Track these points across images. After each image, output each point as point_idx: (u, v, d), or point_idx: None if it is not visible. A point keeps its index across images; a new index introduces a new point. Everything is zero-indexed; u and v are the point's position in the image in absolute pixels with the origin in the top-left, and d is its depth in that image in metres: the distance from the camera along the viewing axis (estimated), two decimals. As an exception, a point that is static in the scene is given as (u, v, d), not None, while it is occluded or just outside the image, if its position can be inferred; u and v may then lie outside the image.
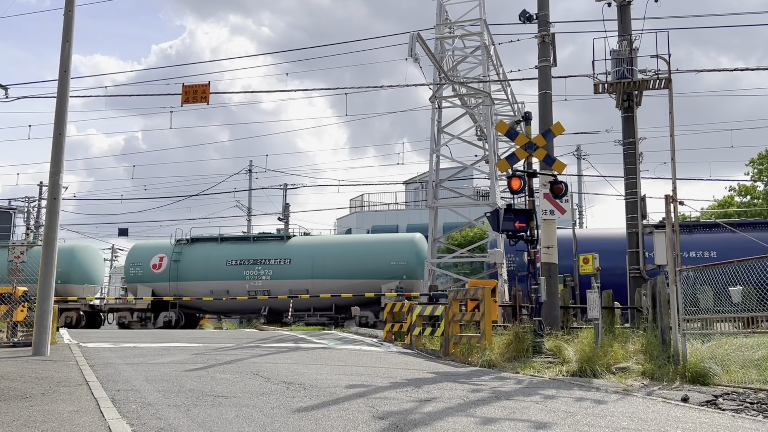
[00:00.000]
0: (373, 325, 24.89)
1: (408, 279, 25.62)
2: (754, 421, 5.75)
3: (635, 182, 15.26)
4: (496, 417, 5.63)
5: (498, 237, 20.98)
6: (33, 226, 41.10)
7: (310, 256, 27.00)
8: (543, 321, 11.39)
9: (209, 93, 18.05)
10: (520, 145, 11.93)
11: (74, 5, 12.32)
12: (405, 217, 40.29)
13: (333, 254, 27.13)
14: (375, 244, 27.67)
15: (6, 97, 18.43)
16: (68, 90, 12.13)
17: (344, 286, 25.66)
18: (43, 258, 11.51)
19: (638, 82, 15.14)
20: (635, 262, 15.01)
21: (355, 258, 26.65)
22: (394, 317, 15.79)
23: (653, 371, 8.65)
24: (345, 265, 26.53)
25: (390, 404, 6.13)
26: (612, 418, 5.65)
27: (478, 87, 22.19)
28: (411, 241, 26.91)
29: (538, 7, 14.49)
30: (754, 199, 28.07)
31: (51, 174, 11.81)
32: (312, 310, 26.53)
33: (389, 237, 29.76)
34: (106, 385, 7.06)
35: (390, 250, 26.54)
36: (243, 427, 4.90)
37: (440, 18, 22.71)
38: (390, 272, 25.79)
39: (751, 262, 7.94)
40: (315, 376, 8.23)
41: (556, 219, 12.53)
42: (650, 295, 10.98)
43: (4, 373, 8.14)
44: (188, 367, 9.20)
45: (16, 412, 5.41)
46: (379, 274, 25.87)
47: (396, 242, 27.35)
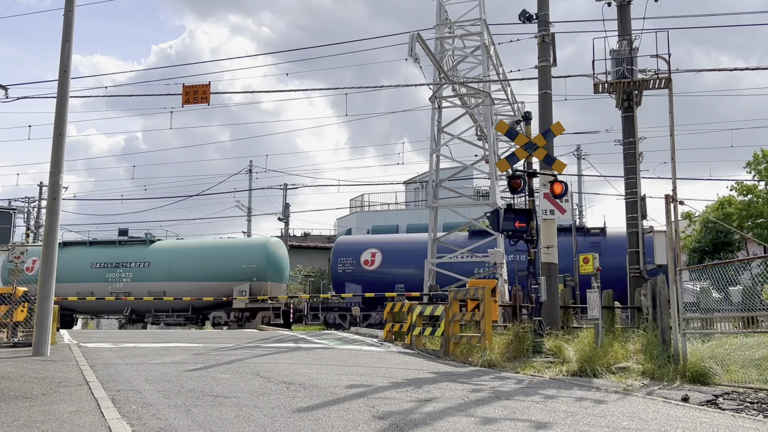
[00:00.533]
0: (225, 324, 26.78)
1: (258, 281, 26.94)
2: (754, 421, 5.75)
3: (635, 182, 15.27)
4: (496, 417, 5.63)
5: (498, 237, 20.99)
6: (33, 226, 41.11)
7: (167, 259, 28.34)
8: (543, 321, 11.40)
9: (209, 93, 18.06)
10: (520, 144, 11.93)
11: (74, 5, 12.32)
12: (405, 217, 40.32)
13: (189, 258, 28.63)
14: (228, 248, 29.35)
15: (6, 98, 18.43)
16: (68, 90, 12.13)
17: (199, 287, 27.28)
18: (43, 258, 11.51)
19: (638, 82, 15.15)
20: (635, 262, 15.02)
21: (210, 261, 28.12)
22: (394, 317, 15.80)
23: (653, 371, 8.65)
24: (200, 268, 27.97)
25: (390, 404, 6.13)
26: (612, 418, 5.65)
27: (478, 87, 22.19)
28: (262, 245, 28.46)
29: (538, 7, 14.50)
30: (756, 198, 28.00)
31: (51, 174, 11.82)
32: (171, 311, 28.06)
33: (241, 241, 31.79)
34: (106, 386, 7.06)
35: (241, 254, 27.99)
36: (243, 427, 4.91)
37: (440, 18, 22.70)
38: (241, 275, 27.11)
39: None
40: (315, 376, 8.24)
41: (556, 219, 12.53)
42: (650, 294, 10.99)
43: (5, 373, 8.14)
44: (188, 367, 9.20)
45: (16, 413, 5.41)
46: (231, 276, 27.23)
47: (247, 246, 29.20)
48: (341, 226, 43.79)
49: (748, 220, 27.89)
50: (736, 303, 9.54)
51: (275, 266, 27.71)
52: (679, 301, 8.82)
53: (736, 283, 8.76)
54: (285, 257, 29.17)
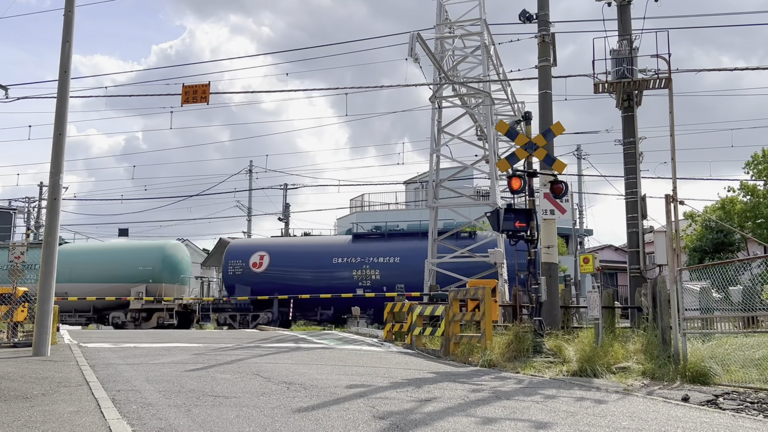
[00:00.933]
0: (122, 325, 27.65)
1: (154, 283, 27.90)
2: (754, 421, 5.75)
3: (635, 182, 15.26)
4: (496, 417, 5.63)
5: (498, 237, 20.99)
6: (33, 226, 41.11)
7: (70, 262, 28.65)
8: (543, 321, 11.39)
9: (209, 93, 18.05)
10: (520, 144, 11.93)
11: (74, 5, 12.32)
12: (405, 216, 40.20)
13: (90, 260, 29.54)
14: (126, 251, 30.30)
15: (6, 98, 18.42)
16: (68, 90, 12.13)
17: (99, 289, 28.15)
18: (43, 258, 11.51)
19: (638, 82, 15.14)
20: (635, 262, 15.01)
21: (110, 264, 29.07)
22: (394, 317, 15.80)
23: (654, 371, 8.65)
24: (100, 270, 28.85)
25: (390, 404, 6.13)
26: (612, 418, 5.65)
27: (478, 87, 22.19)
28: (159, 248, 29.34)
29: (538, 7, 14.49)
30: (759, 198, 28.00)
31: (51, 174, 11.81)
32: (74, 311, 28.77)
33: (140, 244, 32.71)
34: (106, 386, 7.06)
35: (138, 257, 28.96)
36: (243, 427, 4.91)
37: (440, 18, 22.70)
38: (138, 276, 28.05)
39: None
40: (315, 376, 8.24)
41: (556, 219, 12.53)
42: (650, 294, 10.98)
43: (5, 373, 8.14)
44: (188, 367, 9.20)
45: (16, 413, 5.41)
46: (128, 278, 28.17)
47: (144, 249, 30.01)
48: (341, 226, 43.72)
49: (749, 221, 27.90)
50: (736, 303, 9.55)
51: (172, 268, 28.69)
52: (680, 301, 8.82)
53: (736, 283, 8.77)
54: (184, 259, 30.00)
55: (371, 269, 25.91)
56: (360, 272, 25.96)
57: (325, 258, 26.64)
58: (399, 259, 25.81)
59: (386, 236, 27.31)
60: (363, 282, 25.86)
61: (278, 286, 26.24)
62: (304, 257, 27.30)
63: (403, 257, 25.88)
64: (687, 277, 12.73)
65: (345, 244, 27.36)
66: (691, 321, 9.68)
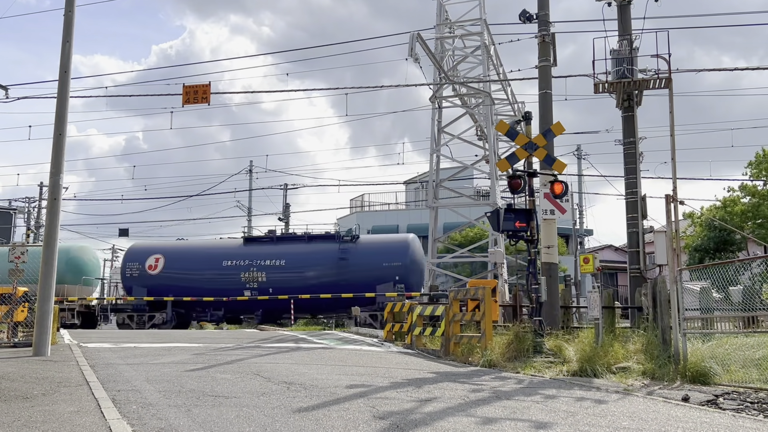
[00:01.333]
0: None
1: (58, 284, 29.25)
2: (754, 421, 5.75)
3: (635, 182, 15.26)
4: (496, 417, 5.63)
5: (498, 237, 21.00)
6: (33, 226, 41.11)
7: None
8: (543, 321, 11.39)
9: (210, 93, 18.06)
10: (521, 144, 11.93)
11: (74, 5, 12.32)
12: (405, 217, 40.27)
13: None
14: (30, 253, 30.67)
15: (6, 98, 18.43)
16: (68, 90, 12.13)
17: None
18: (44, 258, 11.52)
19: (638, 82, 15.13)
20: (635, 262, 15.01)
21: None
22: (394, 317, 15.80)
23: (654, 371, 8.65)
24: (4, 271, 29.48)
25: (390, 404, 6.13)
26: (612, 418, 5.65)
27: (478, 87, 22.19)
28: (64, 250, 29.20)
29: (538, 7, 14.49)
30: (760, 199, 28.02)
31: (51, 174, 11.82)
32: None
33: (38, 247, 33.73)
34: (106, 386, 7.06)
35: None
36: (244, 427, 4.91)
37: (440, 18, 22.72)
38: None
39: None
40: (315, 376, 8.24)
41: (556, 219, 12.53)
42: (650, 294, 10.98)
43: (5, 373, 8.14)
44: (189, 367, 9.20)
45: (16, 413, 5.41)
46: (33, 279, 28.84)
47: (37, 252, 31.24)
48: (341, 226, 43.72)
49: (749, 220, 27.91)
50: (736, 303, 9.55)
51: (75, 270, 28.85)
52: (680, 301, 8.82)
53: (736, 283, 8.77)
54: (90, 262, 30.37)
55: (258, 272, 26.90)
56: (248, 274, 26.88)
57: (216, 261, 27.55)
58: (284, 262, 26.93)
59: (275, 240, 28.43)
60: (250, 284, 26.79)
61: (173, 287, 27.01)
62: (197, 260, 28.20)
63: (288, 260, 26.91)
64: (687, 277, 12.73)
65: (236, 247, 28.42)
66: (691, 321, 9.68)
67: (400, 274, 26.24)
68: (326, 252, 26.80)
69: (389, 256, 26.61)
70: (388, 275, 26.12)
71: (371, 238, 29.80)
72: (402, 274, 26.37)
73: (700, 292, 11.53)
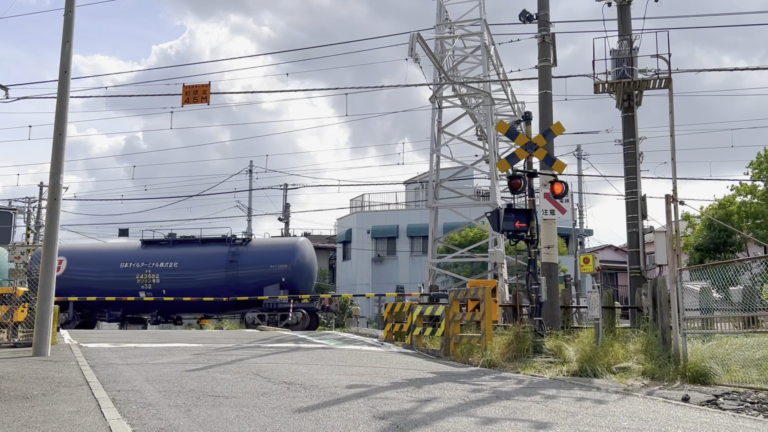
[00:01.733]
0: None
1: None
2: (754, 421, 5.75)
3: (635, 182, 15.26)
4: (496, 417, 5.63)
5: (498, 237, 21.00)
6: (33, 226, 41.12)
7: None
8: (543, 321, 11.39)
9: (210, 93, 18.05)
10: (521, 145, 11.93)
11: (74, 6, 12.32)
12: (405, 217, 40.27)
13: None
14: None
15: (6, 98, 18.41)
16: (68, 90, 12.13)
17: None
18: (44, 258, 11.52)
19: (638, 82, 15.13)
20: (635, 262, 15.01)
21: None
22: (395, 317, 15.80)
23: (654, 371, 8.65)
24: None
25: (390, 404, 6.13)
26: (612, 418, 5.65)
27: (478, 87, 22.20)
28: None
29: (538, 7, 14.50)
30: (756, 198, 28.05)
31: (51, 174, 11.81)
32: None
33: None
34: (106, 386, 7.06)
35: None
36: (244, 427, 4.91)
37: (440, 18, 22.71)
38: None
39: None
40: (315, 376, 8.24)
41: (556, 219, 12.54)
42: (650, 295, 10.98)
43: (5, 373, 8.14)
44: (189, 367, 9.20)
45: (16, 413, 5.41)
46: None
47: None
48: (341, 226, 43.75)
49: (748, 221, 27.92)
50: (736, 303, 9.55)
51: None
52: (680, 301, 8.82)
53: (736, 284, 8.77)
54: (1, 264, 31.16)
55: (153, 273, 28.17)
56: (143, 276, 28.20)
57: (114, 263, 28.83)
58: (178, 264, 28.29)
59: (171, 243, 29.68)
60: (145, 285, 28.05)
61: (75, 289, 27.66)
62: (97, 262, 29.34)
63: (181, 262, 28.37)
64: (687, 277, 12.73)
65: (134, 250, 29.60)
66: (691, 321, 9.68)
67: (287, 276, 27.59)
68: (217, 255, 28.30)
69: (276, 259, 28.03)
70: (275, 277, 27.51)
71: (262, 241, 31.25)
72: (289, 276, 27.67)
73: (700, 293, 11.53)
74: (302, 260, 28.12)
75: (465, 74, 23.78)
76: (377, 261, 39.66)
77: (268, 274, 27.44)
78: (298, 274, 27.80)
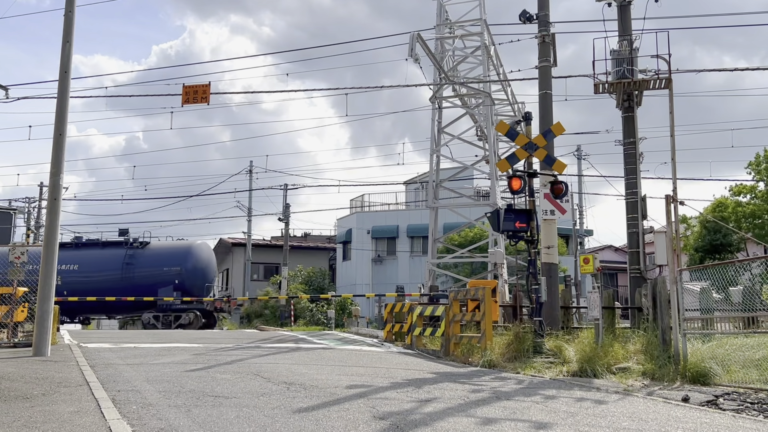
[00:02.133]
0: None
1: None
2: (754, 421, 5.75)
3: (636, 182, 15.25)
4: (496, 417, 5.63)
5: (498, 237, 20.99)
6: (33, 226, 41.09)
7: None
8: (543, 321, 11.39)
9: (210, 93, 18.05)
10: (521, 145, 11.93)
11: (74, 6, 12.33)
12: (405, 217, 40.22)
13: None
14: None
15: (6, 98, 18.41)
16: (68, 90, 12.13)
17: None
18: (44, 258, 11.52)
19: (638, 82, 15.13)
20: (635, 262, 15.01)
21: None
22: (395, 317, 15.80)
23: (654, 371, 8.65)
24: None
25: (390, 404, 6.13)
26: (612, 418, 5.65)
27: (479, 87, 22.19)
28: None
29: (539, 8, 14.49)
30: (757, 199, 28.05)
31: (51, 174, 11.82)
32: None
33: None
34: (106, 386, 7.06)
35: None
36: (244, 428, 4.91)
37: (440, 18, 22.70)
38: None
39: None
40: (315, 377, 8.24)
41: (556, 219, 12.53)
42: (650, 295, 10.98)
43: (5, 373, 8.14)
44: (189, 367, 9.20)
45: (16, 413, 5.41)
46: None
47: None
48: (341, 226, 43.69)
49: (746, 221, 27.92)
50: (736, 303, 9.55)
51: None
52: (680, 302, 8.82)
53: (736, 284, 8.76)
54: None
55: None
56: None
57: None
58: (78, 266, 29.59)
59: (74, 246, 30.96)
60: None
61: None
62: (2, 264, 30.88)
63: (81, 264, 29.63)
64: (687, 278, 12.72)
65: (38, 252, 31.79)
66: (691, 321, 9.68)
67: (180, 278, 29.18)
68: (115, 257, 29.70)
69: (170, 262, 29.53)
70: (169, 279, 29.12)
71: (159, 244, 32.49)
72: (182, 278, 29.27)
73: (700, 293, 11.52)
74: (196, 263, 29.88)
75: (465, 74, 23.77)
76: (377, 261, 39.64)
77: (162, 276, 28.99)
78: (191, 277, 29.44)
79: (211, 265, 32.19)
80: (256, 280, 41.50)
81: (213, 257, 32.99)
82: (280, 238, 40.85)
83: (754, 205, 27.89)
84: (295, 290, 34.13)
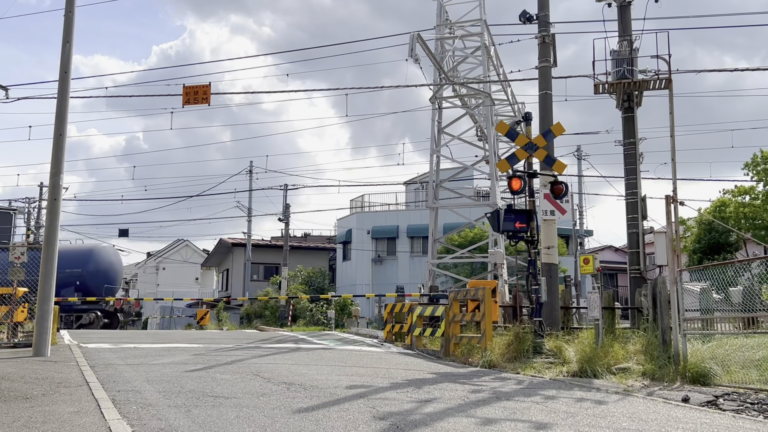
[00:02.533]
0: None
1: None
2: (754, 422, 5.75)
3: (635, 183, 15.25)
4: (496, 417, 5.63)
5: (498, 237, 20.99)
6: (33, 227, 41.09)
7: None
8: (543, 321, 11.39)
9: (210, 93, 18.05)
10: (521, 145, 11.93)
11: (74, 6, 12.32)
12: (405, 217, 40.22)
13: None
14: None
15: (6, 98, 18.40)
16: (69, 90, 12.13)
17: None
18: (44, 259, 11.52)
19: (638, 83, 15.13)
20: (635, 262, 15.01)
21: None
22: (394, 318, 15.79)
23: (654, 371, 8.65)
24: None
25: (390, 405, 6.13)
26: (612, 419, 5.65)
27: (479, 87, 22.19)
28: None
29: (539, 8, 14.50)
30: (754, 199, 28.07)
31: (51, 175, 11.81)
32: None
33: None
34: (106, 386, 7.06)
35: None
36: (244, 428, 4.91)
37: (440, 18, 22.71)
38: None
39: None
40: (315, 377, 8.24)
41: (556, 219, 12.53)
42: (650, 295, 10.98)
43: (5, 373, 8.14)
44: (189, 367, 9.20)
45: (16, 413, 5.41)
46: None
47: None
48: (341, 226, 43.69)
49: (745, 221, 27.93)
50: (736, 304, 9.55)
51: None
52: (680, 302, 8.82)
53: (735, 284, 8.76)
54: None
55: None
56: None
57: None
58: None
59: None
60: None
61: None
62: None
63: None
64: (687, 278, 12.72)
65: None
66: (691, 322, 9.68)
67: (81, 279, 30.50)
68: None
69: (72, 264, 30.34)
70: (71, 281, 30.14)
71: (62, 246, 34.22)
72: (83, 280, 30.62)
73: (700, 293, 11.53)
74: (97, 266, 31.31)
75: (465, 75, 23.77)
76: (377, 261, 39.64)
77: (64, 277, 29.50)
78: (93, 278, 30.77)
79: (113, 267, 33.58)
80: (256, 280, 41.50)
81: (118, 259, 34.57)
82: (280, 239, 40.84)
83: (753, 206, 27.88)
84: (295, 290, 34.11)
